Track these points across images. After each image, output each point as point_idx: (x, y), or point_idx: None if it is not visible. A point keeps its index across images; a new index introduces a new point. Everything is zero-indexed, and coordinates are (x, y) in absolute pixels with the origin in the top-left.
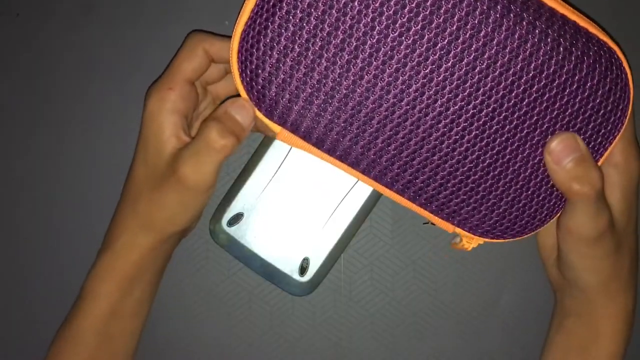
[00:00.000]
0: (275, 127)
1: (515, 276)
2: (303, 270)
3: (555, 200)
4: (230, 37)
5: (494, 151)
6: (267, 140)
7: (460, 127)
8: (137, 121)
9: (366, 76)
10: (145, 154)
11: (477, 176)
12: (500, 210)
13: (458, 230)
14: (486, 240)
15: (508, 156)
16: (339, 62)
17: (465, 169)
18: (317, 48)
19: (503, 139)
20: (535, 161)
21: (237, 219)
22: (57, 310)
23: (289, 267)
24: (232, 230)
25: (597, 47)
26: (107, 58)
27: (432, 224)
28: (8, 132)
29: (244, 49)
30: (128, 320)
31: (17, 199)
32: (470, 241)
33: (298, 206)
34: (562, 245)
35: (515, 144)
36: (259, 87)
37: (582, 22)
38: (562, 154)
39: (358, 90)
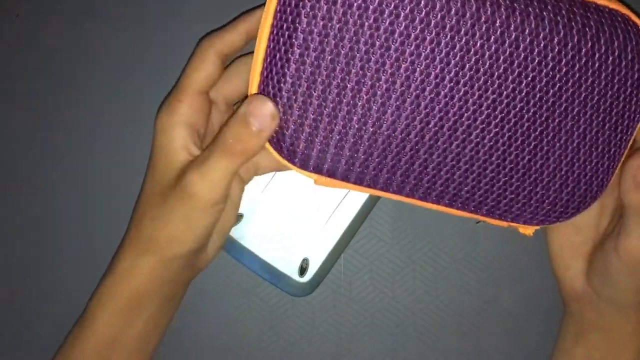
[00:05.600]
0: (312, 176)
1: (515, 276)
2: (303, 270)
3: (602, 174)
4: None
5: (532, 146)
6: None
7: (492, 133)
8: (137, 121)
9: (389, 109)
10: (154, 169)
11: (520, 174)
12: (551, 198)
13: (514, 224)
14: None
15: (546, 147)
16: (360, 103)
17: (507, 170)
18: (335, 96)
19: (537, 133)
20: (574, 145)
21: (236, 219)
22: (60, 317)
23: (289, 267)
24: (232, 231)
25: (610, 19)
26: (107, 58)
27: (484, 222)
28: (8, 132)
29: None
30: (130, 354)
31: (16, 200)
32: (526, 230)
33: (298, 206)
34: (610, 263)
35: (551, 134)
36: (288, 144)
37: None
38: None
39: (384, 124)
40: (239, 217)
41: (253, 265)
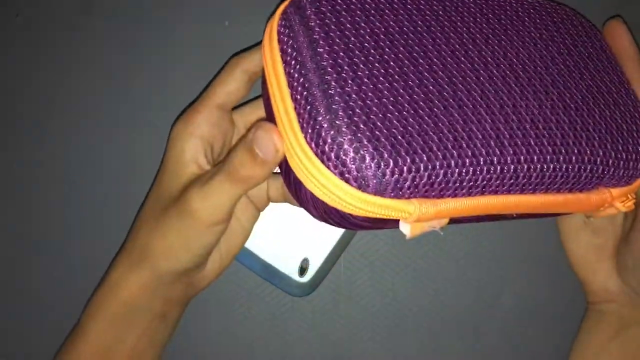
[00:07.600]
0: (410, 207)
1: (515, 276)
2: (303, 271)
3: None
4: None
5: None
6: None
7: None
8: (136, 121)
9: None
10: (160, 179)
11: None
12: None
13: (608, 193)
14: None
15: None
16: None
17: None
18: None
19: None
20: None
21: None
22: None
23: (289, 268)
24: None
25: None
26: (107, 58)
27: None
28: (7, 132)
29: (321, 148)
30: None
31: (15, 201)
32: (624, 200)
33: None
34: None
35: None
36: (375, 173)
37: None
38: None
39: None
40: None
41: (253, 265)
